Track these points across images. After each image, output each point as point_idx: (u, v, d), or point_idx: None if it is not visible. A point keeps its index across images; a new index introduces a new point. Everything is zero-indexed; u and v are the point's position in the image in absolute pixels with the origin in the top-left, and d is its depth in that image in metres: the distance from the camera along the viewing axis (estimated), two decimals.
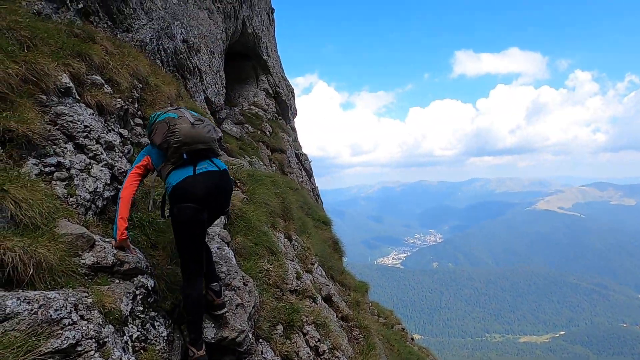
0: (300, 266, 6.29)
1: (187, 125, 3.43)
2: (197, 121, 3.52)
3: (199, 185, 3.32)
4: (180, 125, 3.42)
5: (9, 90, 3.50)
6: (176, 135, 3.37)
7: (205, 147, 3.49)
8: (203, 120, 3.59)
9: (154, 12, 7.91)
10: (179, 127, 3.40)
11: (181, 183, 3.34)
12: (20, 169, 3.26)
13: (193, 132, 3.42)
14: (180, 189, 3.33)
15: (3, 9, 4.28)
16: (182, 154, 3.40)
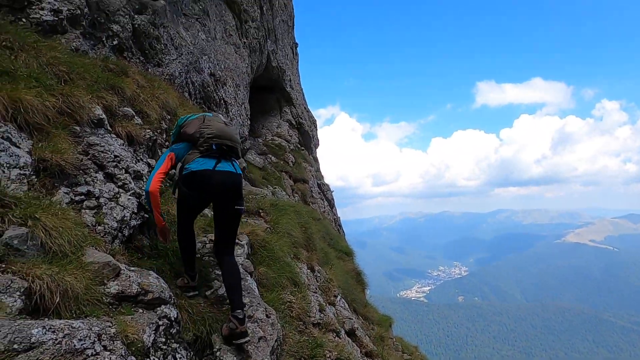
0: (323, 298, 6.15)
1: (221, 123, 3.88)
2: (228, 122, 4.02)
3: (215, 177, 3.62)
4: (215, 122, 3.87)
5: (45, 122, 3.64)
6: (210, 127, 3.78)
7: (232, 145, 3.85)
8: (232, 124, 3.86)
9: (183, 48, 8.24)
10: (213, 123, 3.84)
11: (200, 171, 3.63)
12: (52, 197, 3.34)
13: (225, 129, 3.84)
14: (197, 176, 3.62)
15: (44, 46, 4.53)
16: (212, 144, 3.74)
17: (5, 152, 3.14)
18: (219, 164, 3.68)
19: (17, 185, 3.12)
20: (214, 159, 3.69)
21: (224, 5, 11.56)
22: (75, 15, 5.33)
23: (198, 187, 3.61)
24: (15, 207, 2.83)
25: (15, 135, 3.38)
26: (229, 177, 3.68)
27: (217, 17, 11.01)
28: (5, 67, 3.73)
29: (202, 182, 3.60)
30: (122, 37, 6.27)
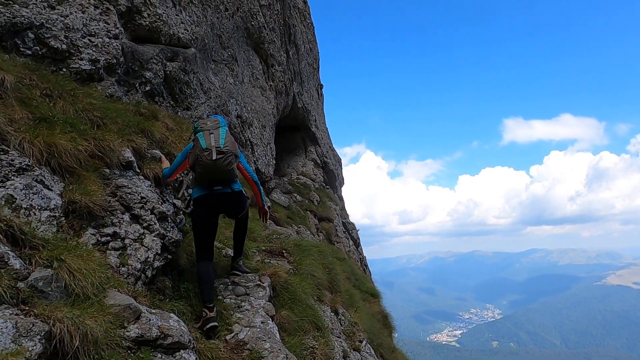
0: (348, 343, 5.92)
1: (209, 162, 4.11)
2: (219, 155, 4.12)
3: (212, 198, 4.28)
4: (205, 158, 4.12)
5: (77, 165, 3.79)
6: (201, 166, 4.17)
7: (222, 177, 4.23)
8: (226, 152, 4.16)
9: (212, 92, 8.57)
10: (203, 160, 4.13)
11: (198, 198, 4.32)
12: (80, 238, 3.41)
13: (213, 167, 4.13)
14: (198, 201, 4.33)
15: (81, 93, 4.79)
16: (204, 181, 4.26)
17: (38, 195, 3.26)
18: (215, 187, 4.25)
19: (47, 227, 3.21)
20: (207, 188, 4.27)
21: (251, 50, 12.07)
22: (111, 64, 5.65)
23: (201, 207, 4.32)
24: (42, 248, 2.90)
25: (49, 178, 3.52)
26: (224, 197, 4.31)
27: (244, 62, 11.48)
28: (43, 113, 3.95)
29: (203, 204, 4.31)
30: (154, 83, 6.58)
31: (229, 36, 10.19)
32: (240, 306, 4.28)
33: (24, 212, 3.08)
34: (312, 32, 22.77)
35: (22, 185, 3.16)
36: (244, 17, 11.23)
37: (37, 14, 4.87)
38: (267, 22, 12.80)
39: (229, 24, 10.19)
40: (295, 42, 17.09)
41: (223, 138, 4.19)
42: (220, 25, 9.71)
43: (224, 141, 4.18)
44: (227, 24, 10.11)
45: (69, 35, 5.17)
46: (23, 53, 4.75)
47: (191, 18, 8.06)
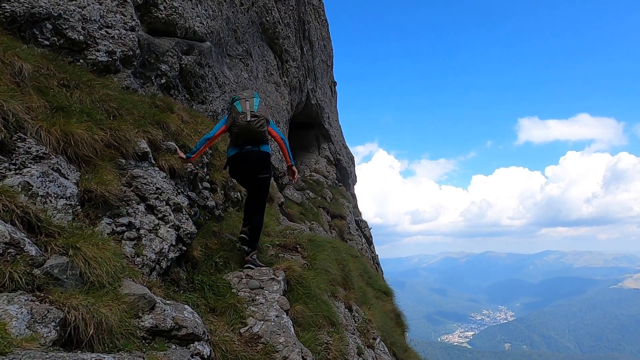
0: (362, 340, 5.84)
1: (244, 122, 4.87)
2: (252, 117, 4.88)
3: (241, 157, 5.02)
4: (240, 119, 4.88)
5: (93, 154, 3.77)
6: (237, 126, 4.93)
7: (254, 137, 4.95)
8: (258, 116, 4.91)
9: (226, 86, 8.54)
10: (239, 121, 4.89)
11: (231, 156, 5.09)
12: (95, 227, 3.39)
13: (247, 127, 4.89)
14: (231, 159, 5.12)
15: (97, 84, 4.79)
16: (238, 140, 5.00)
17: (54, 183, 3.24)
18: (245, 147, 4.97)
19: (62, 215, 3.19)
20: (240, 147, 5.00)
21: (266, 46, 12.03)
22: (127, 56, 5.64)
23: (233, 166, 5.12)
24: (58, 236, 2.87)
25: (65, 167, 3.51)
26: (252, 154, 4.99)
27: (259, 57, 11.44)
28: (60, 103, 3.94)
29: (234, 163, 5.08)
30: (170, 76, 6.57)
31: (244, 31, 10.16)
32: (255, 299, 4.23)
33: (40, 199, 3.07)
34: (326, 28, 22.66)
35: (38, 172, 3.14)
36: (259, 12, 11.19)
37: (55, 4, 4.87)
38: (282, 18, 12.74)
39: (244, 18, 10.15)
40: (310, 38, 17.01)
41: (257, 105, 4.98)
42: (236, 20, 9.68)
43: (257, 107, 4.96)
44: (242, 18, 10.08)
45: (86, 27, 5.17)
46: (41, 44, 4.76)
47: (207, 12, 8.04)
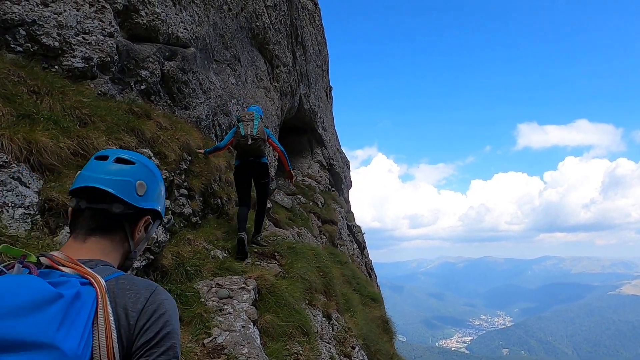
0: (338, 349, 5.79)
1: (244, 143, 6.11)
2: (252, 141, 6.08)
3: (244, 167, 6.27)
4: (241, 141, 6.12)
5: (58, 162, 3.75)
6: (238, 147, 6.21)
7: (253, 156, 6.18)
8: (257, 138, 6.10)
9: (212, 92, 8.53)
10: (239, 142, 6.13)
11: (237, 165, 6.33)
12: (55, 237, 3.36)
13: (247, 148, 6.11)
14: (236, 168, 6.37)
15: (71, 91, 4.77)
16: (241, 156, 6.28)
17: (12, 192, 3.22)
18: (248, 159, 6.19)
19: (20, 225, 3.16)
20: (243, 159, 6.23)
21: (256, 51, 12.04)
22: (105, 62, 5.63)
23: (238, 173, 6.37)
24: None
25: (27, 175, 3.48)
26: (254, 165, 6.23)
27: (248, 62, 11.45)
28: (27, 110, 3.92)
29: (239, 171, 6.33)
30: (150, 82, 6.55)
31: (232, 36, 10.16)
32: (222, 309, 4.20)
33: None
34: (321, 33, 22.71)
35: None
36: (248, 18, 11.20)
37: (29, 11, 4.86)
38: (272, 23, 12.76)
39: (232, 24, 10.16)
40: (303, 43, 17.04)
41: (256, 128, 6.11)
42: (223, 25, 9.69)
43: (256, 130, 6.10)
44: (231, 24, 10.09)
45: (62, 33, 5.16)
46: (14, 50, 4.74)
47: (192, 17, 8.04)
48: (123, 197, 1.21)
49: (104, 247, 1.21)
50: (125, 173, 1.23)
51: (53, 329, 0.83)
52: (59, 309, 0.87)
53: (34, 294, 0.86)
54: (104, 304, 0.96)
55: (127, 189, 1.22)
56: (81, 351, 0.86)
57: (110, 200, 1.20)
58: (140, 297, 1.05)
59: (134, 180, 1.24)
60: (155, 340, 1.01)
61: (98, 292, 0.97)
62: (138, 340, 1.00)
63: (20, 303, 0.83)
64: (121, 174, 1.22)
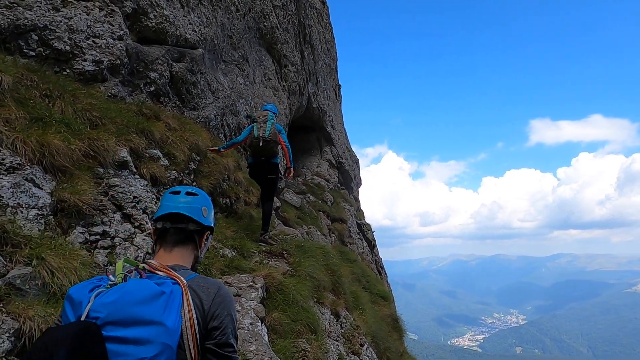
0: (346, 347, 5.84)
1: (255, 144, 6.44)
2: (264, 142, 6.39)
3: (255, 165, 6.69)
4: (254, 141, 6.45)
5: (70, 164, 3.85)
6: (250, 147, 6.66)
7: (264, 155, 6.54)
8: (269, 140, 6.40)
9: (220, 92, 8.62)
10: (252, 143, 6.49)
11: (250, 163, 6.76)
12: (67, 237, 3.46)
13: (258, 148, 6.46)
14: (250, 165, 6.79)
15: (82, 94, 4.87)
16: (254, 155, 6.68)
17: (26, 194, 3.32)
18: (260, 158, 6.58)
19: (33, 225, 3.26)
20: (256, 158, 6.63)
21: (264, 51, 12.11)
22: (115, 65, 5.73)
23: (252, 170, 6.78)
24: (25, 246, 2.94)
25: (40, 177, 3.58)
26: (263, 164, 6.58)
27: (256, 62, 11.52)
28: (39, 114, 4.03)
29: (252, 168, 6.73)
30: (159, 84, 6.65)
31: (240, 37, 10.24)
32: None
33: (10, 210, 3.14)
34: (330, 32, 22.71)
35: (9, 184, 3.22)
36: (256, 18, 11.27)
37: (41, 16, 4.98)
38: (280, 23, 12.81)
39: (240, 24, 10.24)
40: (311, 42, 17.07)
41: (268, 130, 6.40)
42: (231, 26, 9.76)
43: (268, 132, 6.39)
44: (239, 24, 10.17)
45: (72, 37, 5.27)
46: (26, 54, 4.86)
47: (200, 19, 8.13)
48: (195, 218, 1.72)
49: (183, 255, 1.71)
50: (194, 202, 1.75)
51: (160, 313, 1.33)
52: (163, 300, 1.36)
53: (149, 291, 1.37)
54: (187, 297, 1.44)
55: (197, 213, 1.74)
56: (175, 326, 1.35)
57: (187, 221, 1.71)
58: (211, 292, 1.55)
59: (200, 206, 1.76)
60: (222, 322, 1.51)
61: (183, 290, 1.45)
62: (210, 322, 1.50)
63: (142, 297, 1.34)
64: (192, 202, 1.75)
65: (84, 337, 1.21)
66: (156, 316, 1.32)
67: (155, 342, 1.29)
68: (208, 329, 1.49)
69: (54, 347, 1.17)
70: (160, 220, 1.74)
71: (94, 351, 1.21)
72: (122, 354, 1.26)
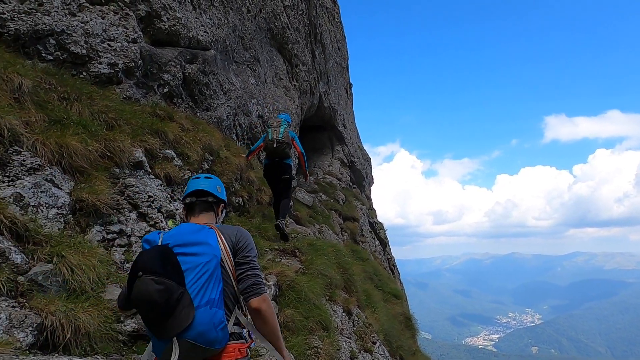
0: (358, 344, 5.88)
1: (271, 146, 6.75)
2: (277, 144, 6.74)
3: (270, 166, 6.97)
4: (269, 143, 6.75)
5: (87, 165, 3.96)
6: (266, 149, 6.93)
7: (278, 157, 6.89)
8: (282, 142, 6.73)
9: (232, 92, 8.71)
10: (268, 145, 6.79)
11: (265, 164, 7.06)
12: (85, 235, 3.57)
13: (273, 150, 6.78)
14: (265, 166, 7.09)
15: (98, 96, 4.99)
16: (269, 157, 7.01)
17: (46, 194, 3.43)
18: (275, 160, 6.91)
19: (53, 224, 3.37)
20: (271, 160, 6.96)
21: (275, 51, 12.18)
22: (129, 68, 5.86)
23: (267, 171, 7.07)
24: (45, 244, 3.05)
25: (59, 177, 3.70)
26: (276, 164, 6.92)
27: (267, 62, 11.60)
28: (58, 116, 4.15)
29: (267, 169, 7.02)
30: (173, 85, 6.77)
31: (251, 37, 10.33)
32: None
33: (31, 209, 3.25)
34: (340, 31, 22.71)
35: (30, 184, 3.33)
36: (267, 18, 11.35)
37: (58, 21, 5.11)
38: (291, 23, 12.87)
39: (251, 25, 10.33)
40: (322, 41, 17.10)
41: (282, 133, 6.78)
42: (243, 27, 9.85)
43: (282, 135, 6.76)
44: (250, 25, 10.25)
45: (88, 41, 5.40)
46: (45, 58, 5.01)
47: (212, 21, 8.23)
48: (213, 192, 2.38)
49: (207, 219, 2.31)
50: (211, 182, 2.42)
51: (205, 237, 2.07)
52: (205, 231, 2.10)
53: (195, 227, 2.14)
54: (218, 232, 2.14)
55: (214, 189, 2.39)
56: (216, 245, 2.06)
57: (207, 195, 2.35)
58: (233, 230, 2.21)
59: (215, 185, 2.42)
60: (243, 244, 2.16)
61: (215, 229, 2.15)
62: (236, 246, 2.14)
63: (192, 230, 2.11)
64: (209, 182, 2.41)
65: (164, 252, 1.97)
66: (203, 239, 2.05)
67: (207, 254, 2.01)
68: (236, 250, 2.13)
69: (151, 258, 1.93)
70: (188, 196, 2.37)
71: (172, 260, 1.94)
72: (187, 262, 1.96)
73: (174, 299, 1.84)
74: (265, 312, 2.09)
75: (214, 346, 1.92)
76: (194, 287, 1.92)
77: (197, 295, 1.91)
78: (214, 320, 1.92)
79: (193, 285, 1.92)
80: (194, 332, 1.87)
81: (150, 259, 1.91)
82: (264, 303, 2.08)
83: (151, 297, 1.81)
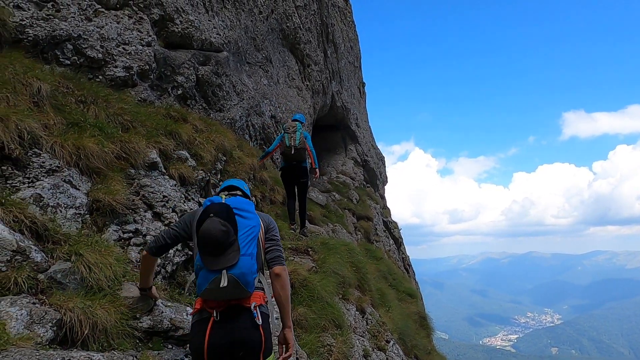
0: (372, 343, 5.88)
1: (288, 152, 7.11)
2: (294, 150, 7.10)
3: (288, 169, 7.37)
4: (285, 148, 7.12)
5: (104, 166, 4.06)
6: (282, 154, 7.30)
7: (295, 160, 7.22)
8: (299, 148, 7.10)
9: (245, 93, 8.80)
10: (284, 150, 7.16)
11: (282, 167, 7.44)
12: (102, 234, 3.66)
13: (290, 155, 7.15)
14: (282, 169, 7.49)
15: (113, 99, 5.11)
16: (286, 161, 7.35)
17: (64, 194, 3.54)
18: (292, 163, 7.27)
19: (71, 224, 3.47)
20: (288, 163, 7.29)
21: (287, 51, 12.25)
22: (144, 70, 5.97)
23: (284, 174, 7.45)
24: (64, 243, 3.14)
25: (77, 179, 3.80)
26: (294, 168, 7.31)
27: (280, 63, 11.68)
28: (75, 118, 4.26)
29: (285, 172, 7.41)
30: (186, 87, 6.87)
31: (263, 38, 10.41)
32: None
33: (50, 209, 3.36)
34: (353, 30, 22.70)
35: (50, 185, 3.44)
36: (278, 19, 11.42)
37: (75, 26, 5.25)
38: (302, 23, 12.93)
39: (263, 26, 10.41)
40: (334, 41, 17.13)
41: (298, 139, 7.14)
42: (255, 28, 9.94)
43: (298, 141, 7.13)
44: (262, 26, 10.34)
45: (104, 45, 5.53)
46: (62, 63, 5.14)
47: (224, 23, 8.33)
48: (242, 188, 2.95)
49: None
50: (240, 182, 3.00)
51: (254, 209, 2.67)
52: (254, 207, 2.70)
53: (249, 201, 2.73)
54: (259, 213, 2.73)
55: (243, 186, 2.97)
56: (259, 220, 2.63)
57: (237, 189, 2.92)
58: (266, 216, 2.79)
59: (243, 184, 2.99)
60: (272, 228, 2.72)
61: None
62: (267, 227, 2.70)
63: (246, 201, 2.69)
64: (239, 181, 3.00)
65: (228, 208, 2.46)
66: (252, 210, 2.63)
67: (255, 219, 2.57)
68: (267, 229, 2.68)
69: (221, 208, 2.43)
70: (222, 192, 2.88)
71: (232, 216, 2.43)
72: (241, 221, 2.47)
73: (228, 241, 2.34)
74: (284, 279, 2.61)
75: (248, 288, 2.38)
76: (242, 239, 2.42)
77: (244, 247, 2.41)
78: (251, 268, 2.41)
79: (242, 237, 2.43)
80: (238, 271, 2.33)
81: (221, 208, 2.44)
82: (284, 272, 2.62)
83: (216, 233, 2.31)
